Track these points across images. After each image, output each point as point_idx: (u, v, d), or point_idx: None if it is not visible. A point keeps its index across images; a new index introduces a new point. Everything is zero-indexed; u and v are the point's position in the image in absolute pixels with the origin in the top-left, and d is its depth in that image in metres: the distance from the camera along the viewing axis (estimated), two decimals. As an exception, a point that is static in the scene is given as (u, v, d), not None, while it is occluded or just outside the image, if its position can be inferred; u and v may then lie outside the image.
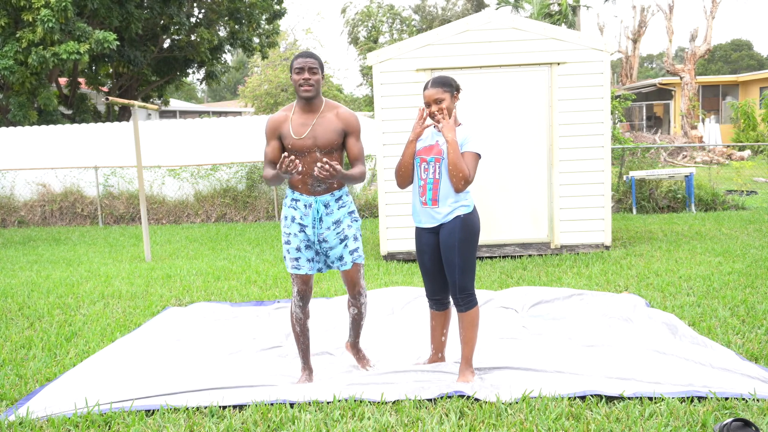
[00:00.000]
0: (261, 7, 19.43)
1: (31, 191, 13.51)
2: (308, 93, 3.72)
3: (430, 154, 3.82)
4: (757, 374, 3.65)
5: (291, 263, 3.88)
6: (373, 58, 7.76)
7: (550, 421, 3.21)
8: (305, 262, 3.87)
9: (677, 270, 6.59)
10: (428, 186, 3.81)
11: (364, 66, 28.32)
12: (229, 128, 13.54)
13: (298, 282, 3.90)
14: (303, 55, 3.76)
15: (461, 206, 3.77)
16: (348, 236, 3.87)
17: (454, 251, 3.75)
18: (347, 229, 3.87)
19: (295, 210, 3.84)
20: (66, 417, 3.44)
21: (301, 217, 3.83)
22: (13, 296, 6.50)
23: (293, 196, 3.85)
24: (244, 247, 9.36)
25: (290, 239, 3.86)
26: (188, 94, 46.00)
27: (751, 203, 11.65)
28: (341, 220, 3.86)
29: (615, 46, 13.84)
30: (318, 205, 3.81)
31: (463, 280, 3.77)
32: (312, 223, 3.81)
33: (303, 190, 3.82)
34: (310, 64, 3.71)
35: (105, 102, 16.95)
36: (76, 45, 13.83)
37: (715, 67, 51.02)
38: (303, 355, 4.00)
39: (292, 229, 3.85)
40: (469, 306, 3.80)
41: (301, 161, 3.73)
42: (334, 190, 3.84)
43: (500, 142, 7.59)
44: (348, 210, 3.89)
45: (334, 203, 3.85)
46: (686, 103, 23.85)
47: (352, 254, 3.89)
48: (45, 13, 13.36)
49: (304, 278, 3.89)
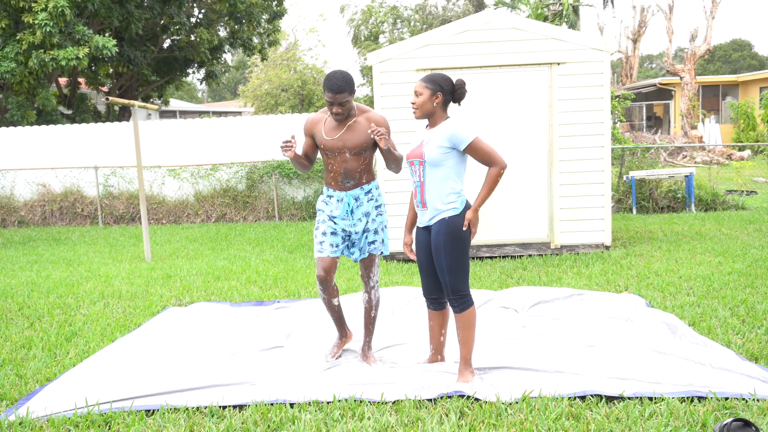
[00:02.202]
0: (261, 6, 19.42)
1: (31, 191, 13.51)
2: (339, 119, 3.98)
3: (415, 156, 3.82)
4: (757, 374, 3.66)
5: (317, 247, 4.20)
6: (373, 58, 7.76)
7: (550, 421, 3.21)
8: (328, 246, 4.14)
9: (677, 270, 6.58)
10: (417, 189, 3.86)
11: (364, 66, 28.31)
12: (229, 128, 13.54)
13: (319, 266, 4.16)
14: (332, 88, 3.82)
15: (450, 209, 3.76)
16: (370, 229, 4.18)
17: (441, 253, 3.76)
18: (371, 223, 4.17)
19: (327, 205, 4.18)
20: (66, 417, 3.44)
21: (331, 210, 4.15)
22: (13, 296, 6.50)
23: (327, 192, 4.19)
24: (244, 247, 9.36)
25: (319, 225, 4.19)
26: (188, 94, 45.98)
27: (751, 203, 11.65)
28: (370, 212, 4.16)
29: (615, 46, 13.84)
30: (349, 199, 4.11)
31: (453, 281, 3.76)
32: (344, 215, 4.12)
33: (335, 186, 4.14)
34: (339, 99, 3.84)
35: (105, 102, 16.95)
36: (74, 51, 13.83)
37: (714, 68, 51.00)
38: (336, 324, 4.41)
39: (322, 217, 4.19)
40: (464, 307, 3.79)
41: (333, 160, 4.07)
42: (363, 185, 4.12)
43: (500, 142, 7.59)
44: (376, 204, 4.18)
45: (364, 196, 4.14)
46: (686, 103, 23.85)
47: (370, 245, 4.20)
48: (42, 17, 13.35)
49: (324, 263, 4.13)
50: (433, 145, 3.75)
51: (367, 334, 4.35)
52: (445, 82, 3.81)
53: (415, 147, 3.86)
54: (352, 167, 4.06)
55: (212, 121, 13.79)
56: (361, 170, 4.08)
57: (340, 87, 3.82)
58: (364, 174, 4.11)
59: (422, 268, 4.01)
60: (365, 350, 4.33)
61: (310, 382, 3.87)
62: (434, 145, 3.74)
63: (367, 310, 4.34)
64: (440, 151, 3.73)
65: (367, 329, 4.35)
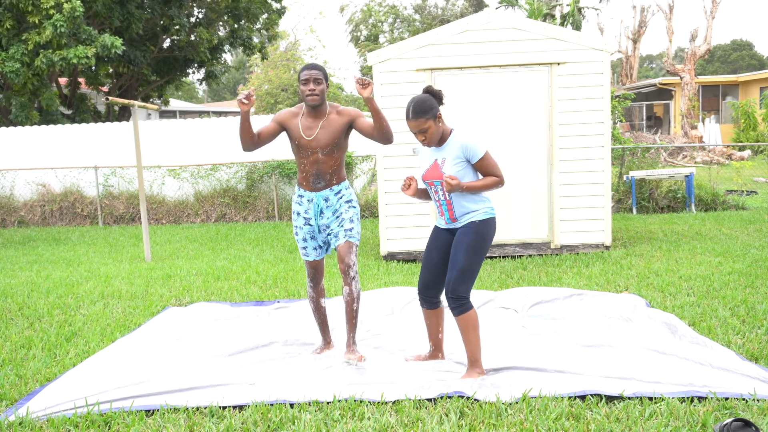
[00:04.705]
0: (260, 3, 19.42)
1: (31, 191, 13.51)
2: (314, 102, 4.09)
3: (434, 177, 3.84)
4: (757, 374, 3.65)
5: (301, 252, 4.41)
6: (373, 58, 7.76)
7: (550, 421, 3.21)
8: (312, 250, 4.36)
9: (677, 270, 6.58)
10: (443, 207, 3.89)
11: (364, 66, 28.31)
12: (229, 128, 13.52)
13: (307, 267, 4.43)
14: (308, 67, 4.12)
15: (482, 212, 3.83)
16: (344, 218, 4.21)
17: (460, 250, 3.78)
18: (344, 213, 4.22)
19: (300, 205, 4.30)
20: (66, 417, 3.44)
21: (305, 210, 4.27)
22: (13, 296, 6.50)
23: (299, 192, 4.29)
24: (244, 247, 9.36)
25: (298, 231, 4.35)
26: (188, 94, 45.98)
27: (751, 203, 11.65)
28: (339, 208, 4.23)
29: (615, 46, 13.84)
30: (318, 200, 4.22)
31: (458, 281, 3.76)
32: (314, 216, 4.24)
33: (306, 186, 4.24)
34: (315, 75, 4.06)
35: (105, 102, 16.97)
36: (84, 50, 13.90)
37: (714, 68, 50.98)
38: (320, 329, 4.53)
39: (298, 222, 4.32)
40: (462, 311, 3.79)
41: (306, 160, 4.18)
42: (333, 185, 4.23)
43: (500, 142, 7.59)
44: (346, 199, 4.25)
45: (334, 197, 4.23)
46: (686, 103, 23.85)
47: (346, 232, 4.19)
48: (57, 18, 13.47)
49: (312, 263, 4.40)
50: (449, 164, 3.79)
51: (351, 329, 4.18)
52: (431, 101, 3.77)
53: (430, 168, 3.87)
54: (324, 168, 4.16)
55: (212, 121, 13.79)
56: (332, 171, 4.19)
57: (313, 66, 4.12)
58: (335, 175, 4.21)
59: (429, 264, 4.00)
60: (350, 345, 4.17)
61: (310, 382, 3.87)
62: (450, 163, 3.79)
63: (349, 303, 4.15)
64: (458, 167, 3.78)
65: (350, 324, 4.17)
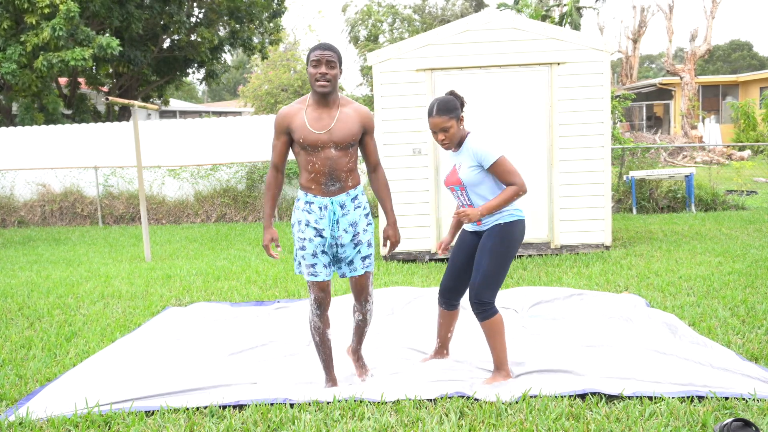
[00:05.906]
0: (261, 5, 19.42)
1: (31, 191, 13.51)
2: (324, 89, 3.44)
3: (454, 182, 3.81)
4: (757, 374, 3.65)
5: (307, 270, 3.61)
6: (373, 58, 7.76)
7: (550, 421, 3.21)
8: (322, 268, 3.60)
9: (677, 270, 6.58)
10: None
11: (363, 66, 28.30)
12: (229, 128, 13.53)
13: (315, 289, 3.63)
14: (321, 47, 3.46)
15: (507, 214, 3.75)
16: (362, 241, 3.66)
17: (485, 253, 3.72)
18: (362, 234, 3.65)
19: (309, 213, 3.57)
20: (66, 417, 3.44)
21: (316, 220, 3.56)
22: (13, 296, 6.50)
23: (306, 198, 3.59)
24: (244, 247, 9.36)
25: (305, 245, 3.58)
26: (188, 94, 45.98)
27: (751, 203, 11.65)
28: (358, 222, 3.63)
29: (615, 46, 13.84)
30: (334, 207, 3.55)
31: (482, 286, 3.69)
32: (329, 225, 3.55)
33: (316, 191, 3.56)
34: (328, 57, 3.42)
35: (105, 102, 16.97)
36: (82, 51, 13.92)
37: (714, 68, 50.97)
38: (325, 366, 3.80)
39: (307, 234, 3.58)
40: (485, 316, 3.73)
41: (315, 158, 3.50)
42: (349, 189, 3.59)
43: (500, 142, 7.57)
44: (364, 212, 3.66)
45: (350, 203, 3.60)
46: (686, 103, 23.86)
47: (363, 261, 3.69)
48: (55, 22, 13.51)
49: (321, 285, 3.62)
50: (465, 169, 3.74)
51: (358, 341, 3.99)
52: (456, 102, 3.73)
53: (450, 173, 3.84)
54: (338, 166, 3.51)
55: (212, 121, 13.79)
56: (347, 170, 3.55)
57: (328, 46, 3.47)
58: (350, 175, 3.58)
59: (454, 268, 3.96)
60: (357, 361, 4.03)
61: (310, 382, 3.87)
62: (466, 168, 3.74)
63: (360, 326, 3.91)
64: (474, 172, 3.72)
65: (358, 338, 3.98)
